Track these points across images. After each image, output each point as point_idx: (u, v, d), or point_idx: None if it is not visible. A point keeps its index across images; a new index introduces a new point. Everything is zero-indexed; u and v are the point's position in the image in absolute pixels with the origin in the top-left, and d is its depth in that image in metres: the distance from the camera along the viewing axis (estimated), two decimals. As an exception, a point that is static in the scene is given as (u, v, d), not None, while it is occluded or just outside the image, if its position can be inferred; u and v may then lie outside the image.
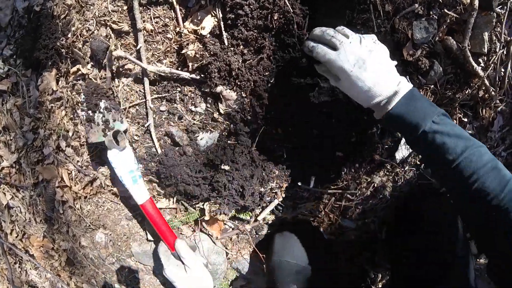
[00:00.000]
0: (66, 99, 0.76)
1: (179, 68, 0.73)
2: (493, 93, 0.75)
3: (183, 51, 0.70)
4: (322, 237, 0.86)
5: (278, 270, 0.78)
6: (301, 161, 0.77)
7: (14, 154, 0.82)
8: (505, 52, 0.75)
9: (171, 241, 0.71)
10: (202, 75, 0.71)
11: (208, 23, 0.68)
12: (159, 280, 0.93)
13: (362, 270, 0.97)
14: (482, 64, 0.74)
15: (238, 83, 0.70)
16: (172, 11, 0.71)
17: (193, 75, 0.72)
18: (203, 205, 0.80)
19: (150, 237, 0.83)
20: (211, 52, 0.68)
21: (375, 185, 0.81)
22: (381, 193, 0.82)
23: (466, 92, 0.75)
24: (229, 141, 0.76)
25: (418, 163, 0.81)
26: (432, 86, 0.74)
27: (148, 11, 0.72)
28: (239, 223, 0.88)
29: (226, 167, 0.75)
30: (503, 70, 0.76)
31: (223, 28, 0.68)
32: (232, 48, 0.68)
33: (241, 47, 0.68)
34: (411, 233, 0.80)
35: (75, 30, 0.75)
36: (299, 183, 0.78)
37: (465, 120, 0.77)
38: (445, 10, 0.68)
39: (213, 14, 0.68)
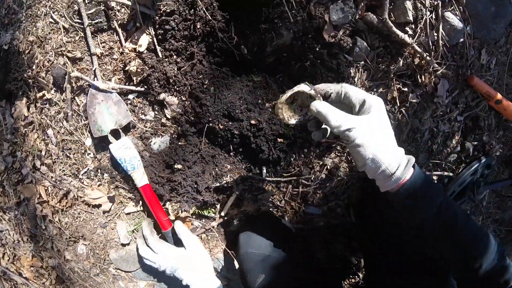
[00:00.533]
0: (37, 123, 1.07)
1: (126, 83, 1.01)
2: (428, 58, 0.94)
3: (127, 68, 0.98)
4: (285, 226, 1.07)
5: (245, 262, 1.00)
6: (249, 152, 1.00)
7: (-1, 179, 1.15)
8: (434, 16, 0.94)
9: (163, 221, 1.00)
10: (145, 87, 0.99)
11: (144, 40, 0.96)
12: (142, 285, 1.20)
13: (343, 256, 1.15)
14: (410, 32, 0.93)
15: (177, 88, 0.96)
16: (115, 35, 1.00)
17: (139, 88, 0.99)
18: (167, 205, 1.06)
19: (122, 241, 1.10)
20: (149, 65, 0.95)
21: (328, 167, 1.01)
22: (336, 174, 1.02)
23: (400, 62, 0.94)
24: (179, 143, 1.02)
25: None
26: (363, 62, 0.94)
27: (96, 38, 1.02)
28: (205, 221, 1.12)
29: (179, 166, 1.00)
30: (435, 34, 0.94)
31: (156, 43, 0.95)
32: (166, 59, 0.95)
33: (174, 57, 0.95)
34: (371, 215, 0.98)
35: (38, 62, 1.07)
36: (250, 174, 1.01)
37: (406, 89, 0.96)
38: (361, -11, 0.90)
39: (147, 33, 0.96)
